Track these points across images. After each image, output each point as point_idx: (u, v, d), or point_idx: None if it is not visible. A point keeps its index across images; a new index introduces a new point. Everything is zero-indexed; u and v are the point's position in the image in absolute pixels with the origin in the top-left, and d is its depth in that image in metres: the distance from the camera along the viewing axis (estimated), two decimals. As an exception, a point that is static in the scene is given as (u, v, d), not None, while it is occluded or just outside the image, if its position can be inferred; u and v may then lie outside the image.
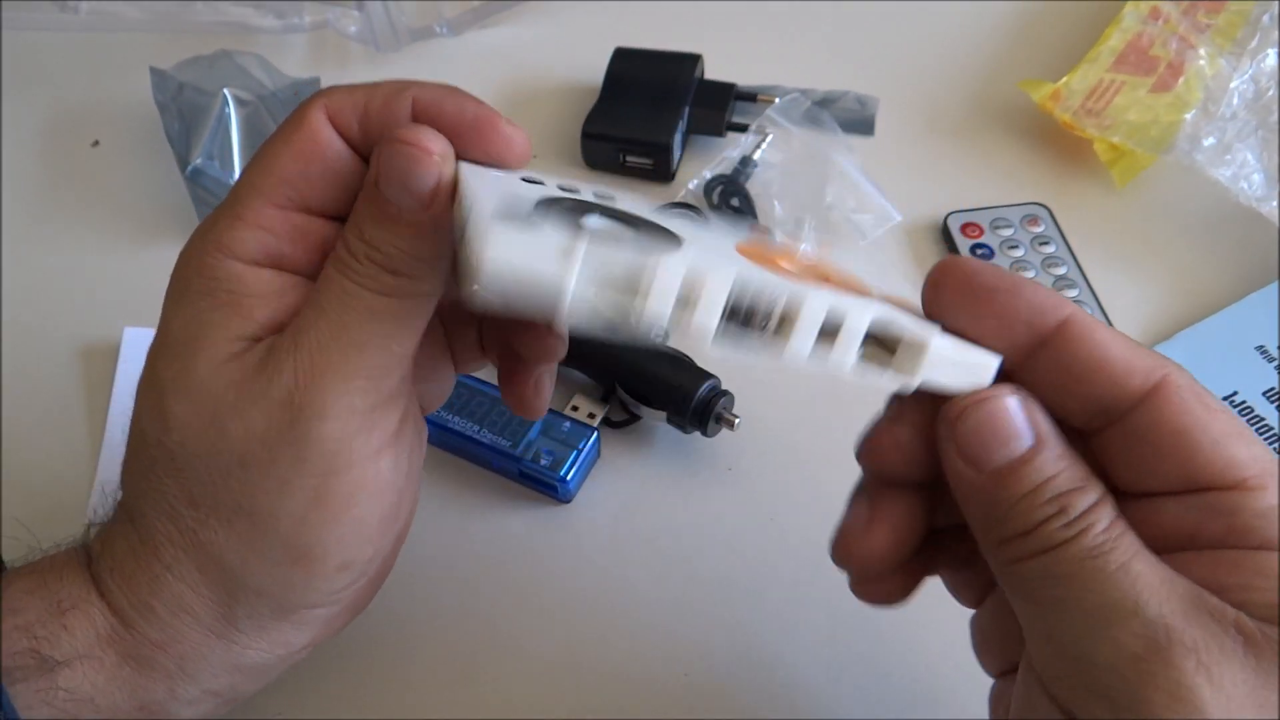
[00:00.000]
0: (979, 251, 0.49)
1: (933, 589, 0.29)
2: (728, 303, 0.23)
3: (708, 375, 0.42)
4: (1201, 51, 0.52)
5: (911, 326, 0.24)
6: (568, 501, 0.41)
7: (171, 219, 0.52)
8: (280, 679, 0.32)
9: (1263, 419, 0.43)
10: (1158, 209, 0.51)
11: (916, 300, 0.26)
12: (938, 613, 0.30)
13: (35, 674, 0.27)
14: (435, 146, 0.25)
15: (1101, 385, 0.24)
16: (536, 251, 0.22)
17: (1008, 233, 0.49)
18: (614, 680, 0.38)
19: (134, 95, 0.55)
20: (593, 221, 0.24)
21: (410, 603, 0.39)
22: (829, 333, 0.23)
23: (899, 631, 0.38)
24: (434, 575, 0.40)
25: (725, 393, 0.42)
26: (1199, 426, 0.23)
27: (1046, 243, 0.49)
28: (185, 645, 0.28)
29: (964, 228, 0.50)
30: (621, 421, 0.43)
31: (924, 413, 0.26)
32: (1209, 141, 0.49)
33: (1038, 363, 0.25)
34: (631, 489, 0.42)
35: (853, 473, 0.28)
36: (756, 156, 0.51)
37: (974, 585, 0.29)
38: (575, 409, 0.43)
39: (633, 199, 0.27)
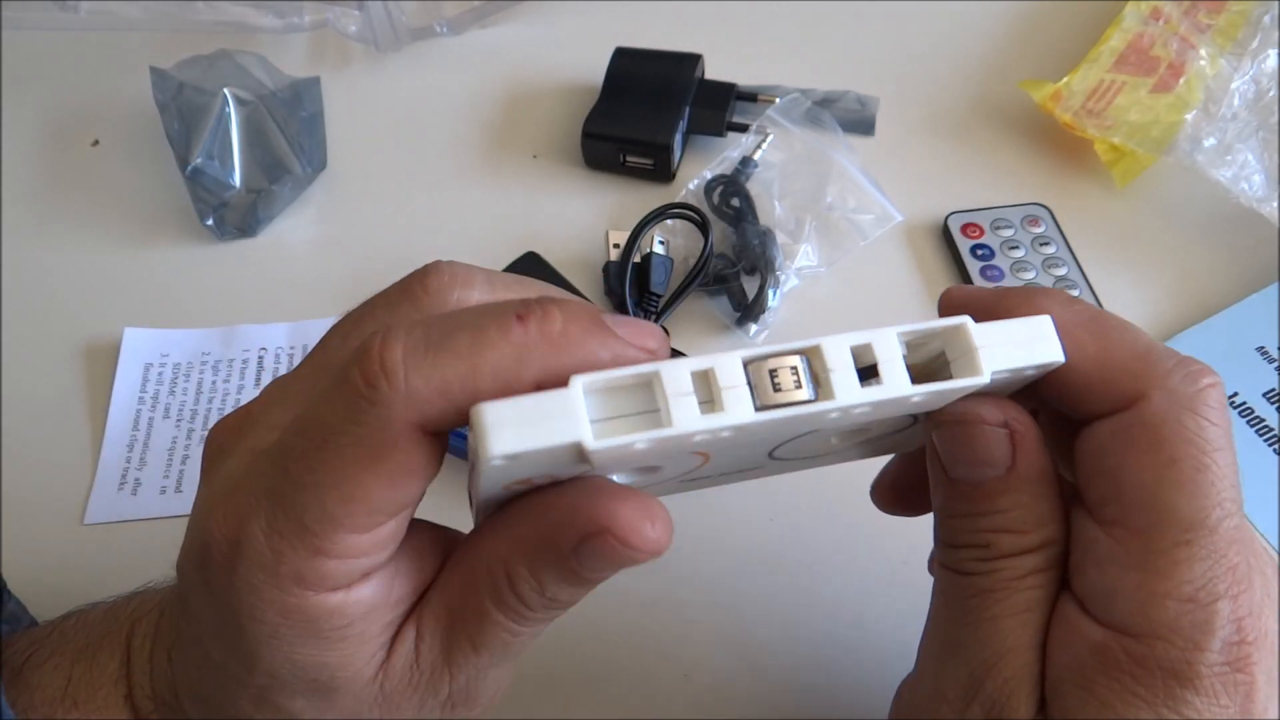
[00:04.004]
0: (979, 252, 0.49)
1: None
2: (746, 374, 0.21)
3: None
4: (1202, 52, 0.52)
5: (940, 321, 0.23)
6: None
7: (171, 219, 0.52)
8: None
9: (1263, 419, 0.43)
10: (1158, 210, 0.51)
11: None
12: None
13: None
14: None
15: (1074, 397, 0.24)
16: (537, 411, 0.20)
17: (1008, 233, 0.49)
18: (614, 680, 0.38)
19: (134, 95, 0.56)
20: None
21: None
22: (867, 372, 0.22)
23: (900, 632, 0.38)
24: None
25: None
26: (1137, 480, 0.22)
27: (1047, 243, 0.49)
28: None
29: (964, 228, 0.50)
30: (621, 422, 0.43)
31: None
32: (1210, 142, 0.49)
33: None
34: (631, 489, 0.42)
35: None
36: (757, 156, 0.51)
37: None
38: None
39: None
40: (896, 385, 0.22)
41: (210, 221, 0.50)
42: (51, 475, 0.43)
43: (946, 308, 0.26)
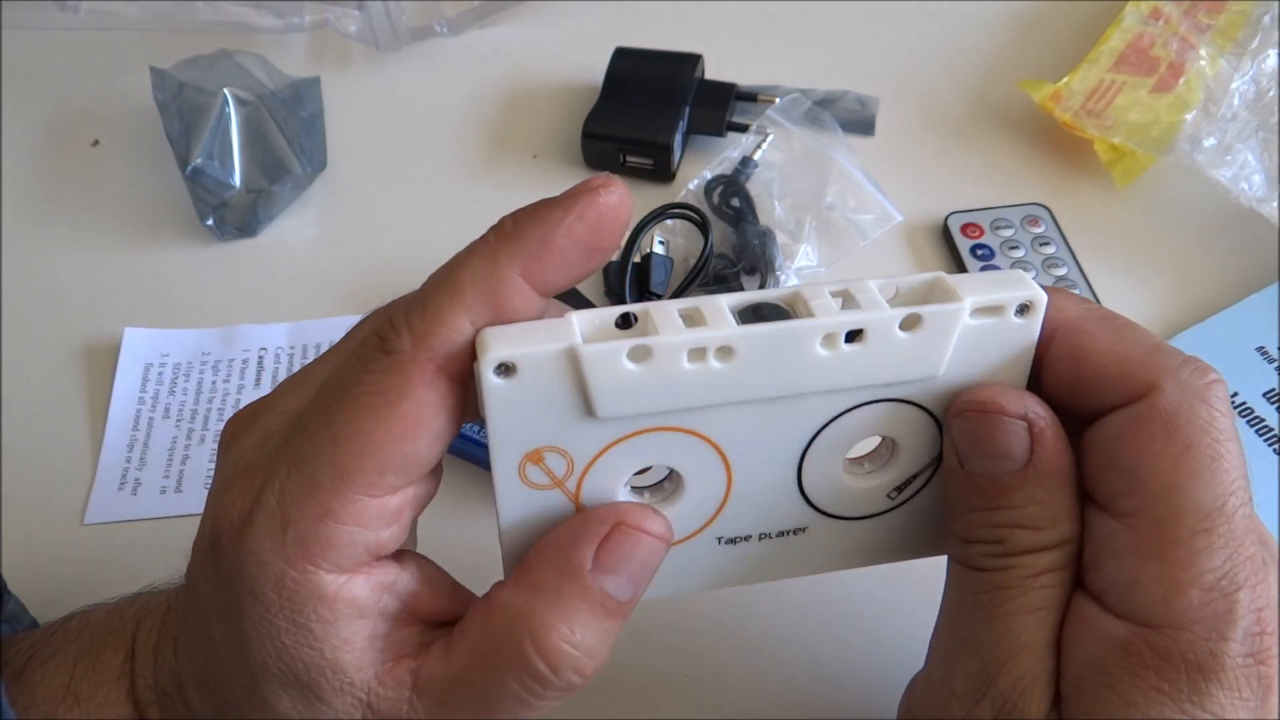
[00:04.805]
0: (979, 252, 0.49)
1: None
2: (732, 314, 0.23)
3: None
4: (1202, 52, 0.52)
5: (918, 275, 0.24)
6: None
7: (171, 219, 0.52)
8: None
9: (1263, 419, 0.43)
10: (1158, 210, 0.51)
11: None
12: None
13: None
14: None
15: (1087, 388, 0.24)
16: (534, 330, 0.22)
17: (1008, 233, 0.49)
18: (614, 680, 0.38)
19: (134, 95, 0.56)
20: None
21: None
22: (848, 305, 0.23)
23: (901, 631, 0.38)
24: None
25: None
26: (1151, 467, 0.22)
27: (1047, 243, 0.49)
28: None
29: (964, 228, 0.50)
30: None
31: None
32: (1209, 142, 0.49)
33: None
34: (631, 489, 0.42)
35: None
36: (757, 156, 0.51)
37: None
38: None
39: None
40: (875, 308, 0.23)
41: (210, 221, 0.50)
42: (51, 475, 0.43)
43: None
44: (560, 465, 0.24)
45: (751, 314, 0.23)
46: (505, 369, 0.22)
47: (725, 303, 0.23)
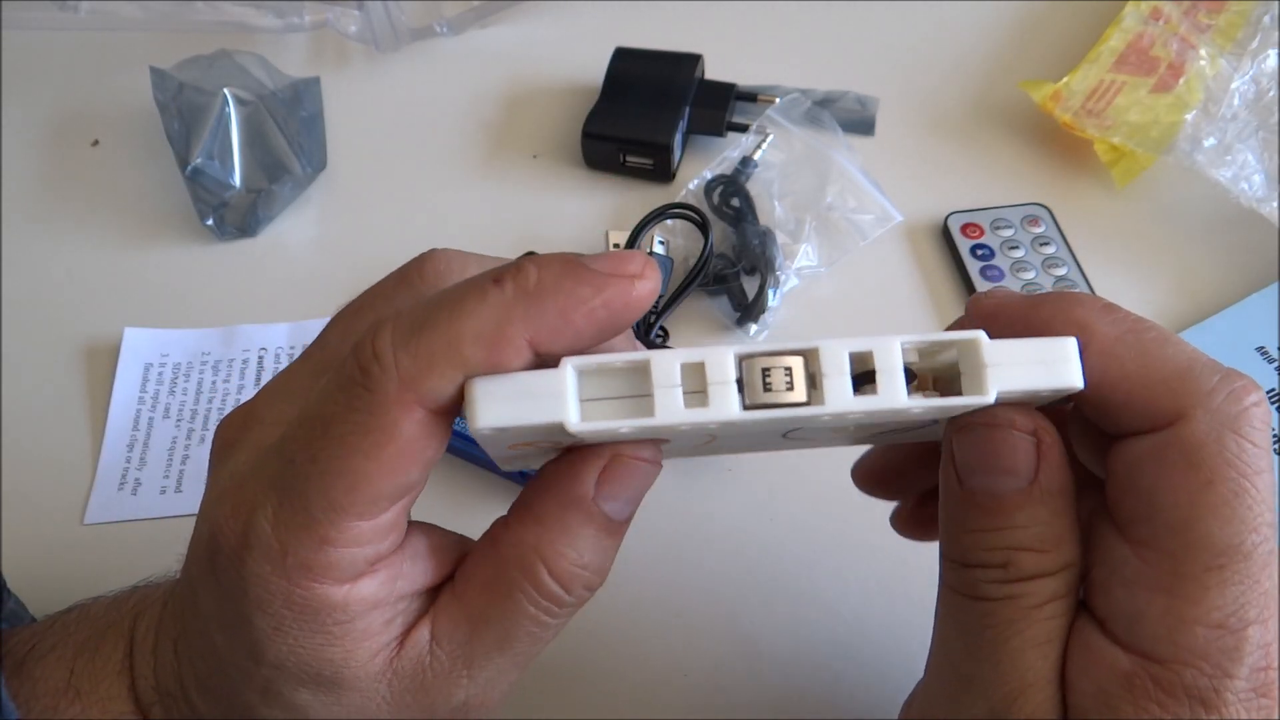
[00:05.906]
0: (979, 252, 0.49)
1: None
2: (737, 369, 0.21)
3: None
4: (1202, 52, 0.52)
5: (952, 334, 0.22)
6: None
7: (171, 219, 0.52)
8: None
9: (1263, 420, 0.43)
10: (1158, 210, 0.51)
11: None
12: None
13: None
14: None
15: (1111, 415, 0.23)
16: (526, 388, 0.21)
17: (1008, 233, 0.49)
18: (614, 680, 0.38)
19: (134, 95, 0.56)
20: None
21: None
22: (866, 378, 0.21)
23: (900, 632, 0.38)
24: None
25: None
26: (1170, 502, 0.22)
27: (1047, 243, 0.49)
28: None
29: (964, 228, 0.50)
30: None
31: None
32: (1209, 142, 0.49)
33: None
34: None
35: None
36: (757, 156, 0.51)
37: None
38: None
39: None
40: (891, 396, 0.21)
41: (210, 221, 0.50)
42: (51, 475, 0.43)
43: (974, 315, 0.25)
44: (548, 444, 0.24)
45: (760, 374, 0.21)
46: (495, 429, 0.21)
47: (731, 363, 0.21)
